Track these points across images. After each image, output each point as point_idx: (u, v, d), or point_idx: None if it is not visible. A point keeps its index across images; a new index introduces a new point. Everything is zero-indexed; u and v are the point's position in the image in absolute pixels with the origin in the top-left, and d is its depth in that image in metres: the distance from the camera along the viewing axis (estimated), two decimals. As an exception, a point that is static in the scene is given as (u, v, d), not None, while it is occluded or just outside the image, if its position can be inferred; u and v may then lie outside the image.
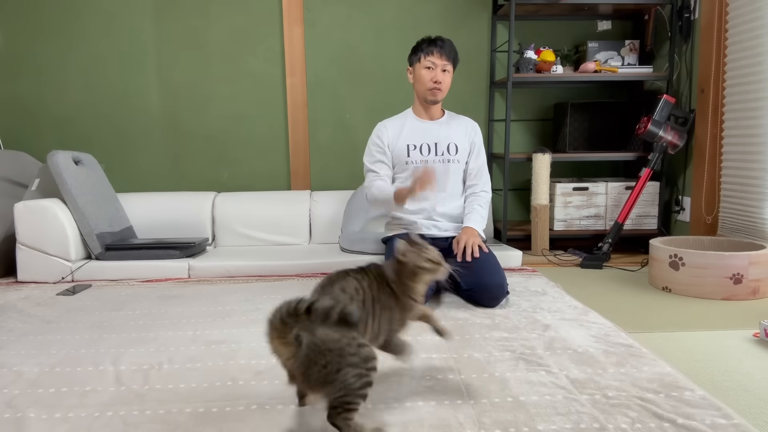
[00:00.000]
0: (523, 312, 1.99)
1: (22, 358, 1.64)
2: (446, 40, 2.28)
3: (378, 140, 2.35)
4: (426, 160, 2.32)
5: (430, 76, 2.26)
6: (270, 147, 3.38)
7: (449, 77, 2.29)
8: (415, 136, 2.35)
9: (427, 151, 2.33)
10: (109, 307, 2.14)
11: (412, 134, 2.35)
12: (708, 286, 2.22)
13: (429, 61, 2.25)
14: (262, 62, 3.30)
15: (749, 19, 2.53)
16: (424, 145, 2.33)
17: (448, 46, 2.26)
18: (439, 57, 2.24)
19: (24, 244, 2.59)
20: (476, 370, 1.49)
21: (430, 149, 2.33)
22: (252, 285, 2.45)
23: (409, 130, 2.36)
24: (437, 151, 2.33)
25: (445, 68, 2.26)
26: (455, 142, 2.34)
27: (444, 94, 2.32)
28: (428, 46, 2.26)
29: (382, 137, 2.35)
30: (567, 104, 3.14)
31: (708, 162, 2.81)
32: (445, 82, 2.28)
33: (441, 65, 2.25)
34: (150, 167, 3.37)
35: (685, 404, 1.27)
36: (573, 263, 2.89)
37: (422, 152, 2.32)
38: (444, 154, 2.33)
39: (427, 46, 2.26)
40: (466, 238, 2.19)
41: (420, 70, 2.28)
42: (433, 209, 2.32)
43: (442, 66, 2.26)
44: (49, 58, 3.26)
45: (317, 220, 3.09)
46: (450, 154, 2.33)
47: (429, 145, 2.33)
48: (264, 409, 1.29)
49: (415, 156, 2.32)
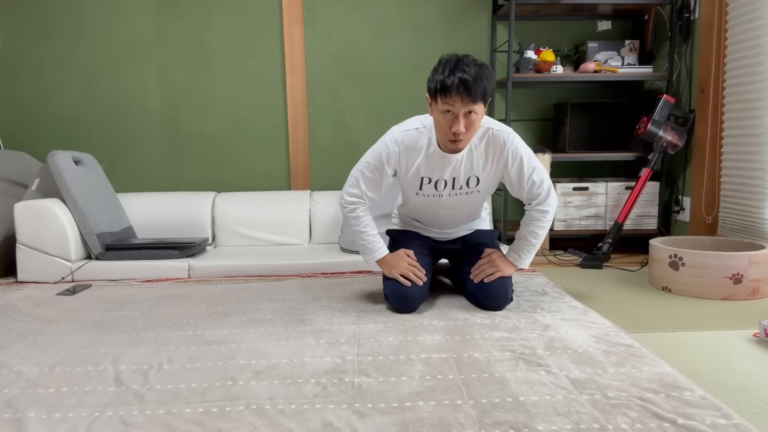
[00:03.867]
0: (523, 312, 1.99)
1: (22, 358, 1.64)
2: (473, 70, 1.70)
3: (386, 165, 1.95)
4: (440, 195, 2.00)
5: (449, 125, 1.76)
6: (270, 147, 3.38)
7: (478, 118, 1.77)
8: (432, 169, 1.94)
9: (443, 186, 1.98)
10: (109, 307, 2.14)
11: (429, 166, 1.94)
12: (708, 286, 2.21)
13: (447, 104, 1.73)
14: (262, 62, 3.30)
15: (749, 19, 2.53)
16: (441, 180, 1.97)
17: (473, 81, 1.69)
18: (460, 100, 1.71)
19: (24, 244, 2.59)
20: (476, 370, 1.48)
21: (447, 184, 1.98)
22: (252, 285, 2.45)
23: (427, 161, 1.93)
24: (454, 185, 1.98)
25: (470, 111, 1.74)
26: (477, 176, 1.97)
27: (468, 142, 1.85)
28: (446, 76, 1.70)
29: (391, 163, 1.95)
30: (567, 104, 3.14)
31: (708, 162, 2.81)
32: (471, 128, 1.78)
33: (464, 109, 1.73)
34: (150, 167, 3.37)
35: (685, 404, 1.27)
36: (573, 263, 2.89)
37: (437, 187, 1.98)
38: (462, 188, 1.99)
39: (445, 77, 1.71)
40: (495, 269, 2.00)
41: (437, 114, 1.79)
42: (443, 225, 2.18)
43: (466, 110, 1.73)
44: (49, 58, 3.26)
45: (317, 220, 3.09)
46: (469, 188, 2.00)
47: (446, 181, 1.97)
48: (264, 409, 1.29)
49: (428, 190, 2.00)
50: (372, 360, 1.56)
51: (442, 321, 1.90)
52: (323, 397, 1.34)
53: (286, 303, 2.13)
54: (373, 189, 2.00)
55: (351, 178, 2.01)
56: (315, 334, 1.79)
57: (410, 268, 2.01)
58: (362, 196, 2.00)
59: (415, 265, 2.02)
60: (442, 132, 1.81)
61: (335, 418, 1.24)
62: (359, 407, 1.29)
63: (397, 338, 1.73)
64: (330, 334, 1.79)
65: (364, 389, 1.38)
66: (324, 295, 2.23)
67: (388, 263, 2.03)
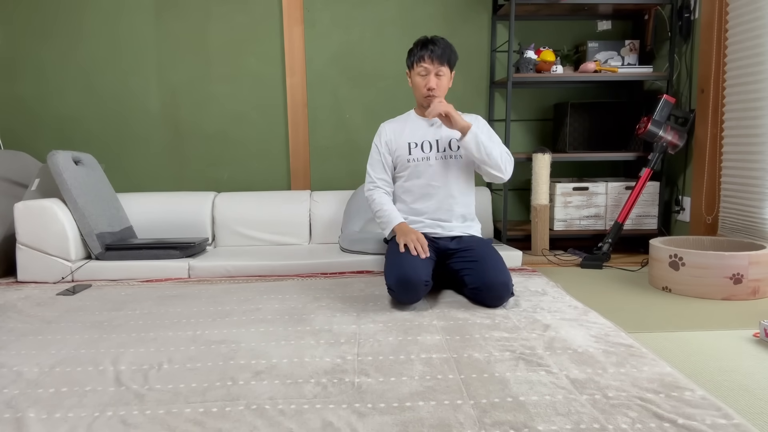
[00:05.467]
0: (523, 312, 1.99)
1: (22, 358, 1.64)
2: (439, 41, 2.21)
3: (378, 143, 2.35)
4: (428, 157, 2.29)
5: (424, 83, 2.22)
6: (270, 147, 3.38)
7: (446, 80, 2.24)
8: (416, 134, 2.32)
9: (429, 148, 2.30)
10: (109, 307, 2.14)
11: (414, 132, 2.32)
12: (708, 286, 2.22)
13: (421, 67, 2.21)
14: (262, 62, 3.30)
15: (749, 19, 2.53)
16: (425, 142, 2.30)
17: (440, 49, 2.20)
18: (431, 62, 2.19)
19: (24, 244, 2.59)
20: (476, 370, 1.48)
21: (432, 146, 2.30)
22: (252, 285, 2.45)
23: (411, 128, 2.34)
24: (439, 148, 2.30)
25: (438, 72, 2.21)
26: (455, 138, 2.30)
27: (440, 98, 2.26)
28: (419, 50, 2.21)
29: (382, 138, 2.35)
30: (567, 104, 3.14)
31: (708, 162, 2.81)
32: (441, 87, 2.23)
33: (434, 70, 2.20)
34: (150, 167, 3.37)
35: (685, 404, 1.27)
36: (573, 263, 2.89)
37: (423, 149, 2.30)
38: (446, 150, 2.30)
39: (418, 50, 2.22)
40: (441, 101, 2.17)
41: (414, 77, 2.25)
42: (437, 209, 2.31)
43: (435, 71, 2.21)
44: (49, 58, 3.26)
45: (317, 220, 3.09)
46: (452, 150, 2.30)
47: (430, 143, 2.30)
48: (264, 409, 1.29)
49: (417, 153, 2.30)
50: (372, 360, 1.56)
51: (442, 321, 1.90)
52: (323, 397, 1.34)
53: (286, 303, 2.13)
54: (380, 170, 2.35)
55: (366, 175, 2.39)
56: (315, 334, 1.79)
57: (416, 241, 2.15)
58: (375, 181, 2.34)
59: (422, 242, 2.16)
60: (419, 91, 2.24)
61: (335, 418, 1.24)
62: (359, 407, 1.29)
63: (397, 338, 1.73)
64: (330, 334, 1.79)
65: (364, 389, 1.38)
66: (324, 295, 2.23)
67: (402, 230, 2.22)
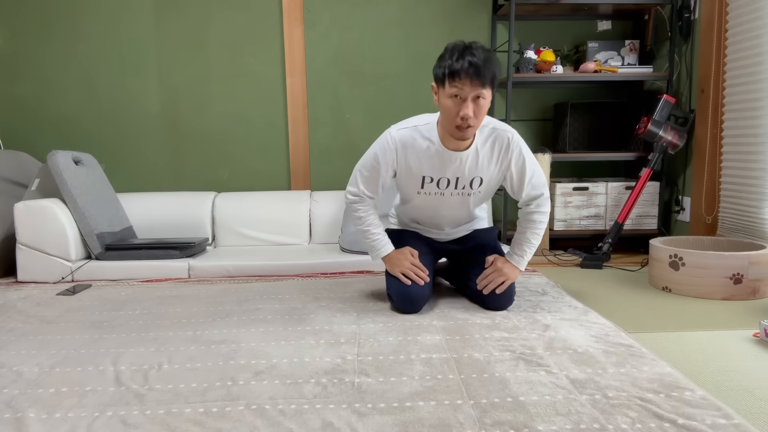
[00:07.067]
0: (523, 312, 1.99)
1: (22, 358, 1.64)
2: (481, 54, 1.69)
3: (384, 163, 1.93)
4: (442, 193, 1.96)
5: (457, 109, 1.72)
6: (270, 147, 3.38)
7: (485, 104, 1.74)
8: (434, 168, 1.90)
9: (446, 185, 1.94)
10: (109, 307, 2.14)
11: (432, 165, 1.90)
12: (708, 286, 2.21)
13: (455, 87, 1.70)
14: (262, 62, 3.30)
15: (749, 19, 2.53)
16: (443, 179, 1.92)
17: (483, 67, 1.68)
18: (468, 81, 1.68)
19: (24, 244, 2.59)
20: (476, 370, 1.48)
21: (449, 183, 1.93)
22: (252, 285, 2.45)
23: (429, 159, 1.89)
24: (457, 185, 1.94)
25: (478, 96, 1.72)
26: (481, 176, 1.93)
27: (476, 129, 1.80)
28: (455, 61, 1.69)
29: (389, 161, 1.92)
30: (567, 104, 3.14)
31: (708, 162, 2.81)
32: (479, 114, 1.74)
33: (472, 93, 1.70)
34: (150, 167, 3.37)
35: (685, 404, 1.27)
36: (573, 263, 2.89)
37: (439, 185, 1.94)
38: (465, 188, 1.95)
39: (453, 61, 1.69)
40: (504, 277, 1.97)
41: (444, 99, 1.75)
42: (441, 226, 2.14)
43: (474, 94, 1.71)
44: (49, 58, 3.26)
45: (317, 220, 3.09)
46: (472, 189, 1.96)
47: (449, 180, 1.92)
48: (264, 409, 1.29)
49: (431, 188, 1.95)
50: (372, 360, 1.56)
51: (442, 321, 1.90)
52: (323, 397, 1.34)
53: (286, 303, 2.13)
54: (371, 188, 1.99)
55: (352, 176, 2.03)
56: (315, 334, 1.79)
57: (412, 267, 2.00)
58: (361, 194, 2.00)
59: (417, 264, 2.01)
60: (449, 119, 1.76)
61: (335, 418, 1.24)
62: (359, 407, 1.29)
63: (397, 338, 1.73)
64: (330, 334, 1.79)
65: (364, 389, 1.38)
66: (324, 295, 2.23)
67: (391, 260, 2.03)
